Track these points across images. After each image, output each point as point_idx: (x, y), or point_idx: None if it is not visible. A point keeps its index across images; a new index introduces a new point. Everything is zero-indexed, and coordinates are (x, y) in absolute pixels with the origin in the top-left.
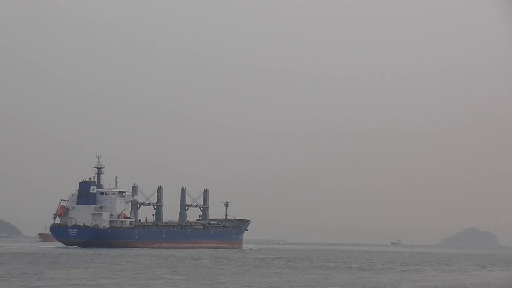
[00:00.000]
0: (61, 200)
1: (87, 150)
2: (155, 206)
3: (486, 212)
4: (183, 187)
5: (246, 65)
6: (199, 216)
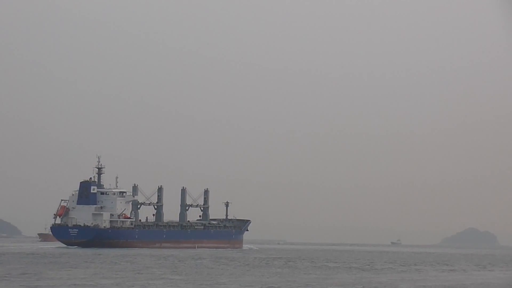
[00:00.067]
0: (62, 200)
1: (88, 150)
2: (156, 206)
3: (486, 212)
4: (184, 187)
5: (246, 65)
6: (200, 216)
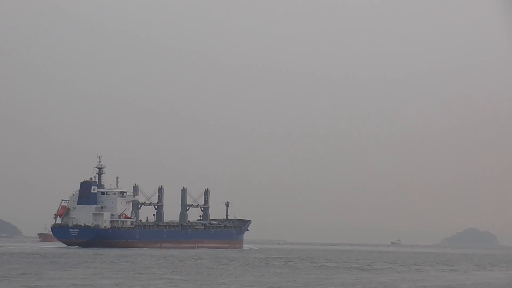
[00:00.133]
0: (62, 200)
1: (88, 150)
2: (156, 206)
3: (486, 212)
4: (184, 187)
5: (246, 65)
6: (200, 216)
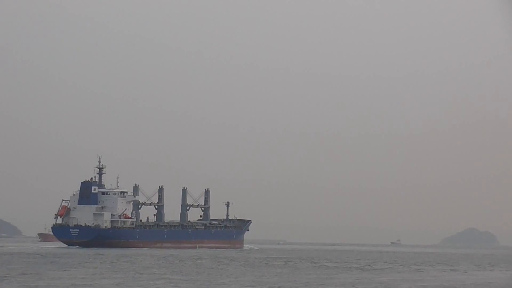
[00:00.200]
0: (63, 200)
1: (89, 150)
2: (157, 206)
3: (486, 212)
4: (184, 187)
5: (246, 65)
6: (200, 216)
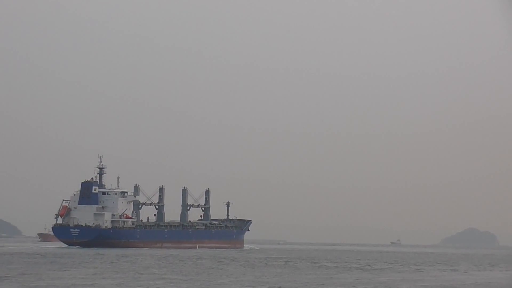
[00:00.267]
0: (63, 200)
1: (89, 150)
2: (157, 206)
3: (486, 212)
4: (185, 187)
5: (246, 65)
6: (201, 216)
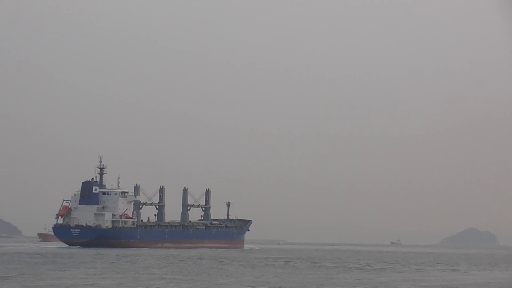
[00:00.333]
0: (64, 200)
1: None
2: (157, 206)
3: (486, 212)
4: (185, 187)
5: (246, 65)
6: (201, 216)
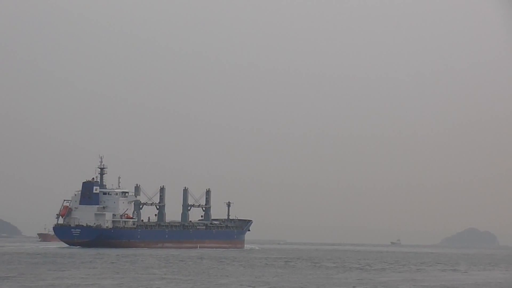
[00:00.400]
0: (64, 200)
1: (90, 151)
2: (158, 206)
3: (486, 212)
4: (186, 187)
5: (246, 65)
6: (202, 216)
